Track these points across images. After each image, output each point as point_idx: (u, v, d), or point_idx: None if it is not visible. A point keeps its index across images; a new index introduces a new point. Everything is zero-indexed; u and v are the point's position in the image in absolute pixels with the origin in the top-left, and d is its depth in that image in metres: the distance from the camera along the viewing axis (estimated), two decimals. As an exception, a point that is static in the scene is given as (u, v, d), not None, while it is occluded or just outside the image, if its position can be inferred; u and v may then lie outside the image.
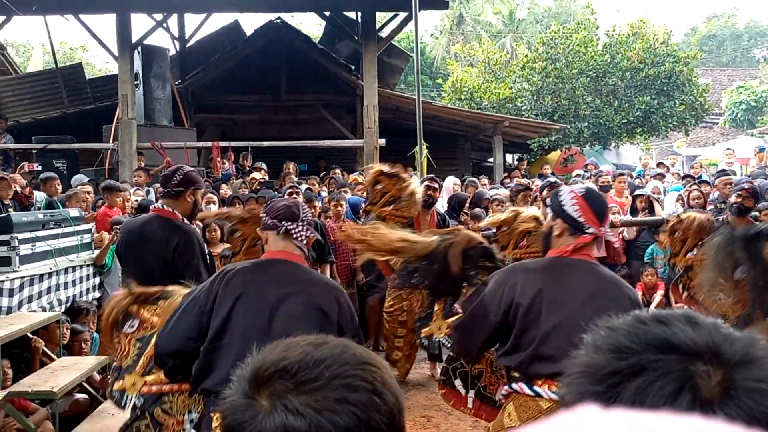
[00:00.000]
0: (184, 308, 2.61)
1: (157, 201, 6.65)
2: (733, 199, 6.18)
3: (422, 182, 6.39)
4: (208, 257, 4.06)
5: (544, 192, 6.44)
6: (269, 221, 2.71)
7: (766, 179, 9.38)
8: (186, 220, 4.03)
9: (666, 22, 29.55)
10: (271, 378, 0.87)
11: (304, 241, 2.72)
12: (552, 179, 7.22)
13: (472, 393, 3.06)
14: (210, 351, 2.46)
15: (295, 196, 6.63)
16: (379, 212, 5.23)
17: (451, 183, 9.68)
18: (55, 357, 4.85)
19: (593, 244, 2.59)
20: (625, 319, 0.82)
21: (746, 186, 6.47)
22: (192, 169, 4.31)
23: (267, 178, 10.21)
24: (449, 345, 3.09)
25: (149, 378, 2.65)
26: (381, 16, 11.96)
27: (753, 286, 2.58)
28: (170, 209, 4.00)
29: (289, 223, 2.68)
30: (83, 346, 5.18)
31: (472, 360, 2.88)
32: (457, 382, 3.08)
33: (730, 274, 2.70)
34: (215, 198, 7.78)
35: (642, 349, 0.75)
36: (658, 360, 0.74)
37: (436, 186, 6.35)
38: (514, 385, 2.54)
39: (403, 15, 10.61)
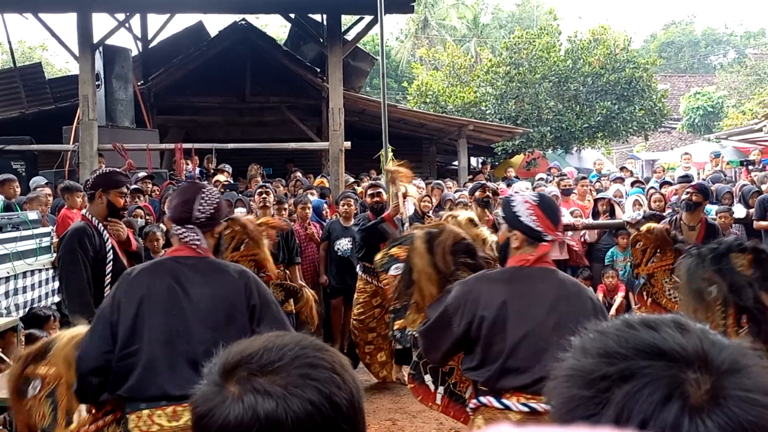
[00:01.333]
0: (94, 322, 2.52)
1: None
2: (684, 195, 6.36)
3: (366, 191, 6.39)
4: (109, 254, 3.82)
5: (477, 193, 6.50)
6: (166, 219, 2.68)
7: (721, 183, 9.62)
8: (95, 222, 3.84)
9: (626, 29, 30.15)
10: (238, 366, 0.91)
11: (195, 246, 2.55)
12: (482, 182, 7.35)
13: (441, 389, 3.05)
14: (121, 359, 2.39)
15: (265, 196, 6.56)
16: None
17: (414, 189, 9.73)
18: (11, 363, 4.74)
19: (550, 250, 2.63)
20: (614, 323, 0.82)
21: (695, 183, 6.71)
22: (115, 170, 4.24)
23: (231, 180, 10.14)
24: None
25: (72, 427, 2.56)
26: (346, 19, 11.96)
27: (732, 302, 2.57)
28: (89, 213, 3.93)
29: (178, 228, 2.57)
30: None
31: (439, 364, 2.90)
32: (427, 378, 3.06)
33: (706, 297, 2.69)
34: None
35: (631, 355, 0.75)
36: (647, 366, 0.74)
37: (380, 191, 6.33)
38: (483, 399, 2.53)
39: (368, 18, 10.63)
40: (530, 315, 2.41)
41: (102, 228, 3.86)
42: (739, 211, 8.27)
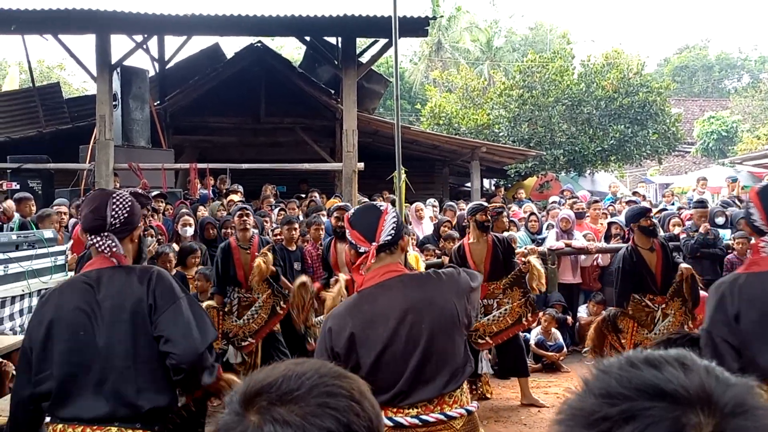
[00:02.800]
0: (21, 351, 2.51)
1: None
2: (643, 222, 6.08)
3: (330, 213, 6.39)
4: None
5: (477, 216, 6.32)
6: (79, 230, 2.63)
7: (735, 208, 9.55)
8: None
9: (639, 53, 30.18)
10: (258, 394, 0.92)
11: (110, 254, 2.46)
12: (484, 204, 7.25)
13: None
14: (37, 384, 2.36)
15: (245, 218, 6.52)
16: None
17: (413, 210, 9.76)
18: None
19: (393, 257, 2.50)
20: (617, 361, 0.81)
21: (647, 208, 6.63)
22: (137, 191, 3.84)
23: (244, 200, 10.19)
24: None
25: None
26: (361, 42, 12.07)
27: None
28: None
29: (92, 237, 2.47)
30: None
31: None
32: None
33: None
34: (191, 220, 7.73)
35: (633, 395, 0.75)
36: (649, 407, 0.73)
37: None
38: None
39: (383, 41, 10.73)
40: (377, 338, 2.34)
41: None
42: (755, 236, 8.18)
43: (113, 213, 2.47)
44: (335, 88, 13.24)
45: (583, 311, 8.49)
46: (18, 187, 8.54)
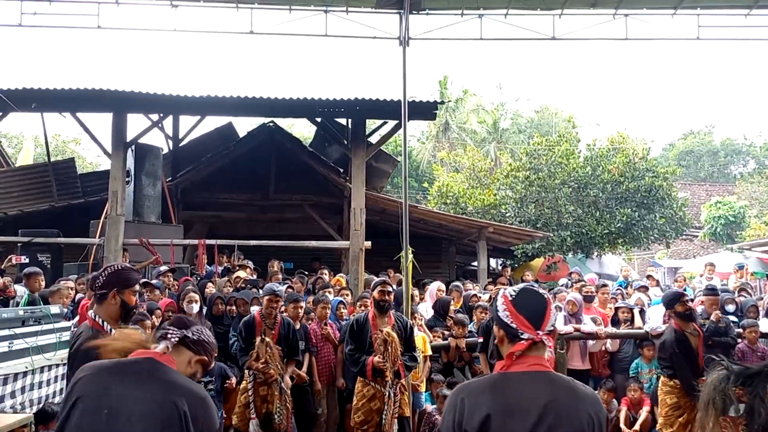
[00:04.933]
0: None
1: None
2: (679, 308, 6.25)
3: (374, 287, 6.40)
4: None
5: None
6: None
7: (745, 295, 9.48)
8: (107, 327, 3.55)
9: (644, 137, 30.67)
10: None
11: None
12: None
13: None
14: None
15: (274, 305, 6.49)
16: None
17: (435, 288, 9.70)
18: (23, 460, 4.65)
19: (540, 351, 2.39)
20: None
21: (681, 292, 6.71)
22: (126, 266, 3.87)
23: (255, 276, 10.20)
24: None
25: None
26: (370, 122, 12.33)
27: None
28: (97, 315, 3.60)
29: (172, 328, 2.71)
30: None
31: None
32: None
33: (729, 412, 2.61)
34: (197, 297, 7.72)
35: None
36: None
37: (390, 290, 6.32)
38: None
39: (392, 122, 10.96)
40: (514, 429, 2.24)
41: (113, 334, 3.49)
42: (766, 325, 8.10)
43: (195, 329, 2.74)
44: (344, 166, 13.44)
45: (592, 398, 8.29)
46: (27, 261, 8.58)
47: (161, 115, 11.66)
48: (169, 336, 2.65)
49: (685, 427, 6.02)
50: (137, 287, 3.78)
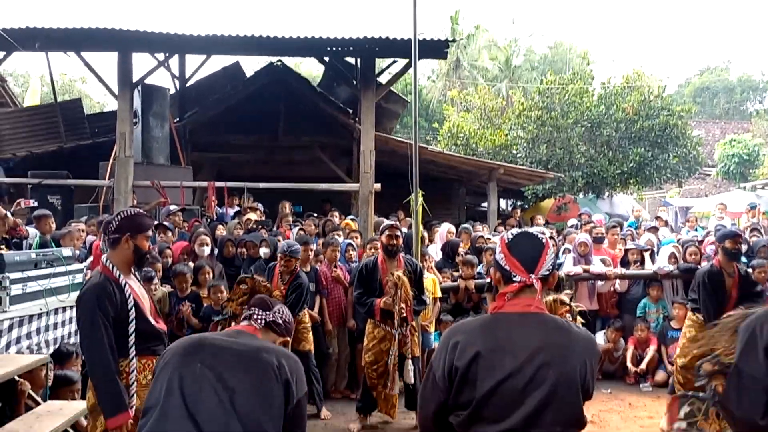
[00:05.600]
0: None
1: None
2: (728, 244, 6.28)
3: (382, 231, 6.40)
4: (131, 313, 3.51)
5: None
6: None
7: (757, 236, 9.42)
8: (117, 274, 3.53)
9: (660, 73, 30.06)
10: None
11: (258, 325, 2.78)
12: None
13: None
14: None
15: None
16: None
17: (445, 230, 9.70)
18: (40, 400, 4.76)
19: (531, 293, 2.39)
20: None
21: (737, 232, 6.72)
22: (139, 211, 3.85)
23: (263, 218, 10.21)
24: None
25: None
26: (380, 62, 12.10)
27: None
28: (108, 261, 3.57)
29: (255, 310, 2.80)
30: (75, 396, 5.08)
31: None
32: None
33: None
34: (208, 240, 7.75)
35: None
36: None
37: (398, 234, 6.30)
38: None
39: (402, 61, 10.75)
40: (504, 367, 2.27)
41: (124, 282, 3.52)
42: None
43: (279, 308, 2.86)
44: (353, 107, 13.28)
45: (600, 338, 8.38)
46: (36, 204, 8.60)
47: (167, 54, 11.47)
48: (255, 318, 2.75)
49: (699, 359, 6.09)
50: (150, 232, 3.79)
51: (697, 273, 6.73)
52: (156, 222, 8.27)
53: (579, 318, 5.76)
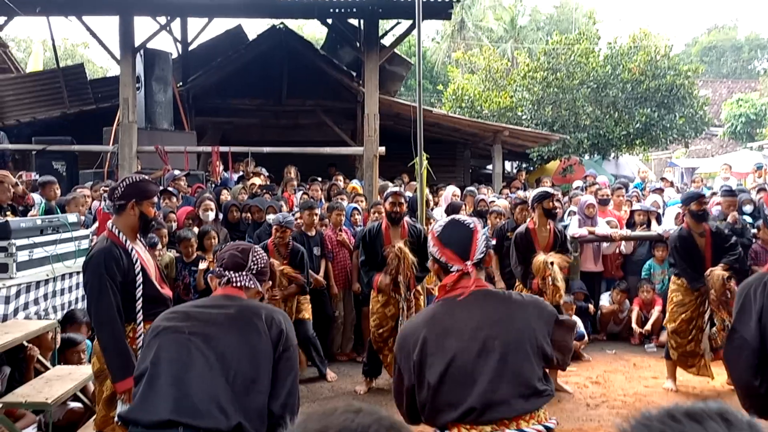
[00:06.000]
0: None
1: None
2: (694, 207, 6.30)
3: (386, 198, 6.37)
4: (138, 277, 3.53)
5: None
6: (215, 270, 2.75)
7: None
8: (123, 239, 3.55)
9: (667, 32, 29.60)
10: None
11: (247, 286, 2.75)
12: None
13: None
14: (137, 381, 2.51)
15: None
16: None
17: (450, 193, 9.68)
18: (49, 365, 4.83)
19: (469, 277, 2.45)
20: (657, 414, 0.79)
21: (702, 194, 6.86)
22: (144, 178, 3.87)
23: (267, 183, 10.21)
24: None
25: None
26: (383, 23, 11.94)
27: None
28: (114, 227, 3.59)
29: (231, 272, 2.71)
30: (81, 357, 5.15)
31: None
32: None
33: None
34: (212, 205, 7.77)
35: None
36: None
37: (402, 201, 6.25)
38: None
39: (405, 23, 10.62)
40: (447, 348, 2.31)
41: (130, 247, 3.54)
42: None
43: (253, 260, 2.76)
44: (357, 70, 13.16)
45: (605, 300, 8.42)
46: (37, 176, 8.60)
47: (169, 18, 11.34)
48: (234, 281, 2.72)
49: (688, 323, 6.27)
50: (155, 199, 3.80)
51: (669, 239, 6.79)
52: (161, 188, 8.28)
53: (559, 283, 5.82)
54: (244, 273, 2.71)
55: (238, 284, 2.70)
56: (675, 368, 6.50)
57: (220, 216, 7.99)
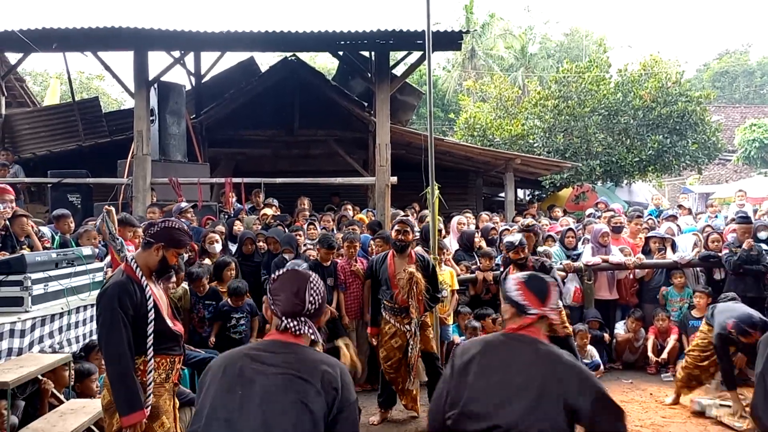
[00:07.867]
0: None
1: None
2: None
3: (393, 225, 6.36)
4: (150, 313, 3.51)
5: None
6: (271, 305, 2.50)
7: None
8: (139, 274, 3.57)
9: (678, 58, 29.66)
10: None
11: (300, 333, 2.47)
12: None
13: None
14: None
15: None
16: None
17: (455, 222, 9.66)
18: (63, 399, 4.83)
19: (540, 324, 2.74)
20: None
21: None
22: (183, 227, 3.81)
23: (278, 213, 10.23)
24: None
25: None
26: (394, 53, 12.05)
27: None
28: (135, 261, 3.64)
29: (289, 321, 2.45)
30: (96, 385, 5.15)
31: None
32: None
33: None
34: (217, 237, 7.77)
35: None
36: None
37: (408, 229, 6.20)
38: None
39: (416, 53, 10.70)
40: (495, 370, 2.57)
41: (145, 283, 3.56)
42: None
43: (311, 299, 2.47)
44: (368, 100, 13.26)
45: (620, 328, 8.32)
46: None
47: (182, 52, 11.51)
48: (291, 329, 2.45)
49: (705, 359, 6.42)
50: (183, 251, 3.85)
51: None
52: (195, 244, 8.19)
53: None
54: (302, 318, 2.47)
55: (295, 332, 2.45)
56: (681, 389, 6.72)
57: (233, 247, 7.99)
